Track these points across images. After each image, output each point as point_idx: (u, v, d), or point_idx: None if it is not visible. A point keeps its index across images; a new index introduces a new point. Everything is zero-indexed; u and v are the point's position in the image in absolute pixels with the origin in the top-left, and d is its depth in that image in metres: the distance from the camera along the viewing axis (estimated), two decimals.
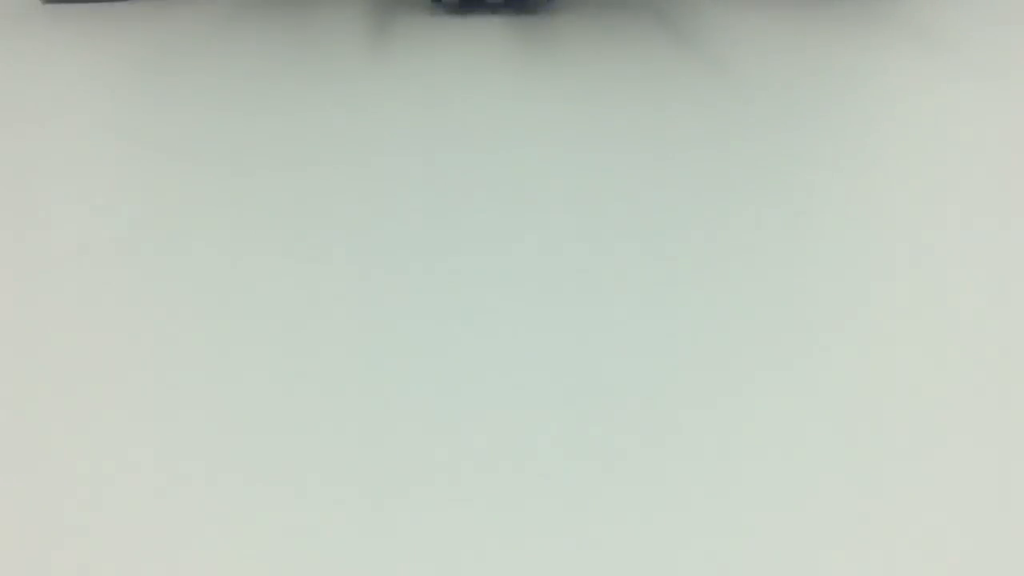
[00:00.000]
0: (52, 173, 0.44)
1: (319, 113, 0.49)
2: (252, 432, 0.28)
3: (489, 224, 0.39)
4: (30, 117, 0.50)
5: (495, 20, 0.62)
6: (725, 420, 0.28)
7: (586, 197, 0.41)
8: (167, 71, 0.55)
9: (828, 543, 0.25)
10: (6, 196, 0.43)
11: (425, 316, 0.34)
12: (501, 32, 0.60)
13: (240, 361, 0.31)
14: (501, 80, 0.53)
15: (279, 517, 0.25)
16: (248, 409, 0.29)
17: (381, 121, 0.49)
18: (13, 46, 0.59)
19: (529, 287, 0.35)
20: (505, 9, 0.63)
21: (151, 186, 0.43)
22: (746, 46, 0.58)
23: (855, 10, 0.63)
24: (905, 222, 0.40)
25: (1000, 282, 0.36)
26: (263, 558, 0.24)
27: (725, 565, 0.24)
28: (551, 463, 0.27)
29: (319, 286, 0.36)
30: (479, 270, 0.36)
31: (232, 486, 0.26)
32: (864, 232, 0.39)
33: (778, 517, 0.25)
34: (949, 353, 0.32)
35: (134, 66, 0.56)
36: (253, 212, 0.41)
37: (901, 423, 0.29)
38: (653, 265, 0.37)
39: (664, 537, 0.25)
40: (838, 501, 0.26)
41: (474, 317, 0.34)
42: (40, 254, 0.38)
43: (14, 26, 0.62)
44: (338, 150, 0.46)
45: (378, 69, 0.55)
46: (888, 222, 0.40)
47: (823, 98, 0.51)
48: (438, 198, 0.41)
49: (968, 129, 0.48)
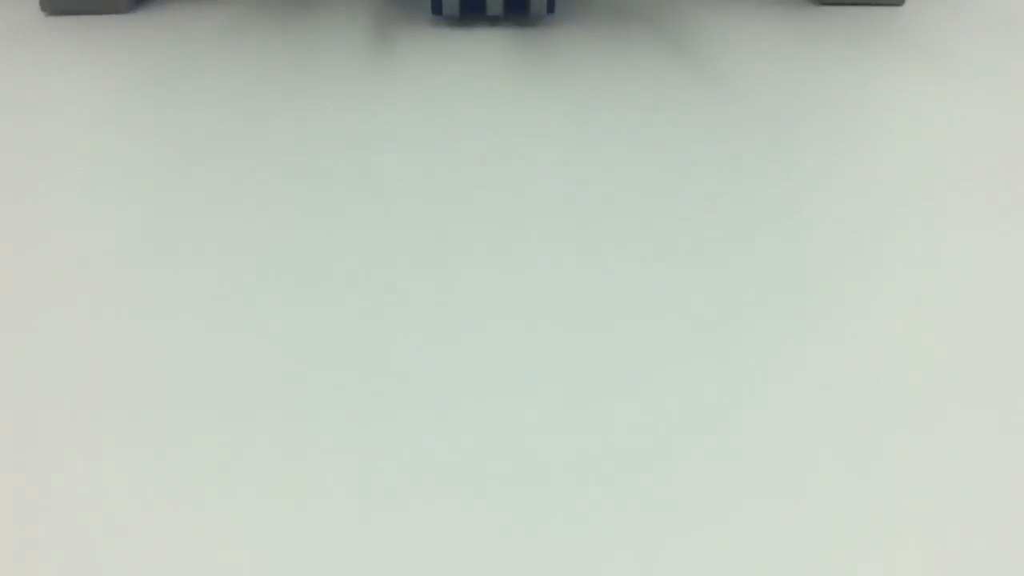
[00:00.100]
0: (55, 181, 0.45)
1: (322, 122, 0.50)
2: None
3: (488, 228, 0.40)
4: (34, 127, 0.50)
5: (495, 31, 0.62)
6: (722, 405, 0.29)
7: (585, 203, 0.42)
8: (169, 81, 0.55)
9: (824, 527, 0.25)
10: (11, 203, 0.43)
11: (425, 316, 0.34)
12: (501, 43, 0.61)
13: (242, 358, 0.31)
14: (501, 90, 0.54)
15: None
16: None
17: (383, 129, 0.49)
18: (17, 57, 0.59)
19: (528, 290, 0.36)
20: (505, 21, 0.64)
21: (154, 193, 0.43)
22: (743, 56, 0.58)
23: (853, 19, 0.64)
24: (903, 225, 0.40)
25: (992, 280, 0.36)
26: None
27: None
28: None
29: (320, 289, 0.36)
30: (478, 272, 0.37)
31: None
32: (863, 237, 0.39)
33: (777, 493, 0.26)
34: (948, 355, 0.32)
35: (136, 77, 0.56)
36: (254, 217, 0.41)
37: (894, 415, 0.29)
38: (651, 267, 0.37)
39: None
40: (834, 494, 0.26)
41: (473, 319, 0.34)
42: (42, 261, 0.38)
43: (18, 38, 0.62)
44: (341, 158, 0.46)
45: (380, 79, 0.55)
46: (885, 225, 0.40)
47: (820, 106, 0.51)
48: (438, 203, 0.42)
49: (964, 134, 0.48)
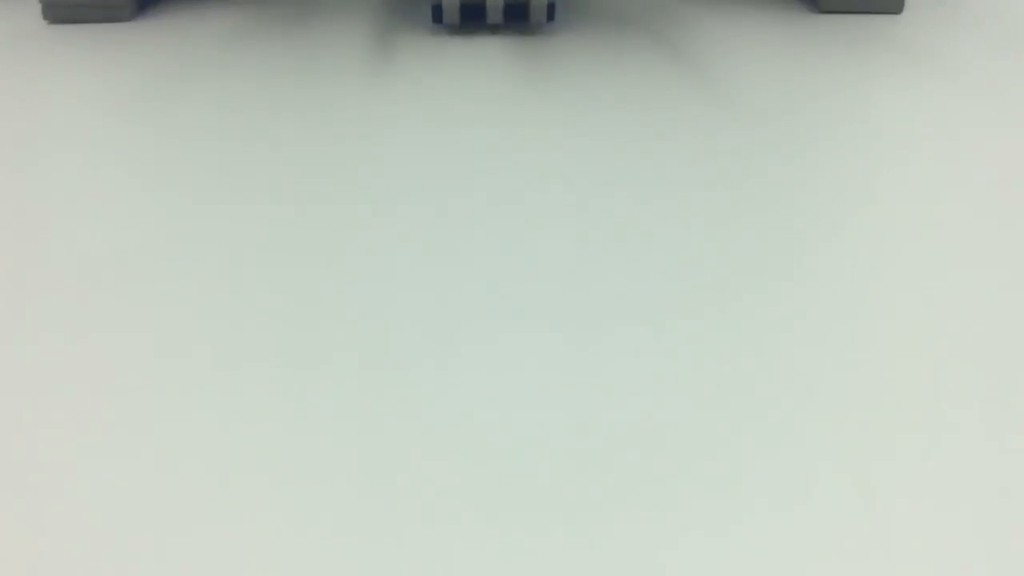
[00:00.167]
0: (59, 186, 0.45)
1: (324, 129, 0.50)
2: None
3: (488, 233, 0.40)
4: (37, 133, 0.50)
5: (495, 39, 0.63)
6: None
7: (584, 210, 0.42)
8: (171, 89, 0.56)
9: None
10: (15, 206, 0.43)
11: (427, 317, 0.35)
12: (501, 51, 0.61)
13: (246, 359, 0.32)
14: (501, 97, 0.54)
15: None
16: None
17: (384, 136, 0.49)
18: (20, 65, 0.59)
19: (526, 294, 0.36)
20: (505, 29, 0.64)
21: (156, 200, 0.44)
22: (743, 63, 0.59)
23: (852, 27, 0.65)
24: (901, 228, 0.41)
25: (989, 281, 0.37)
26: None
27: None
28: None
29: (321, 295, 0.36)
30: (478, 277, 0.37)
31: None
32: (861, 239, 0.40)
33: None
34: (948, 358, 0.33)
35: (138, 84, 0.56)
36: (257, 220, 0.42)
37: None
38: (648, 272, 0.37)
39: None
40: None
41: (473, 321, 0.35)
42: (44, 267, 0.38)
43: (21, 46, 0.62)
44: (342, 165, 0.47)
45: (381, 87, 0.56)
46: (884, 228, 0.41)
47: (820, 112, 0.52)
48: (439, 209, 0.42)
49: (961, 140, 0.49)
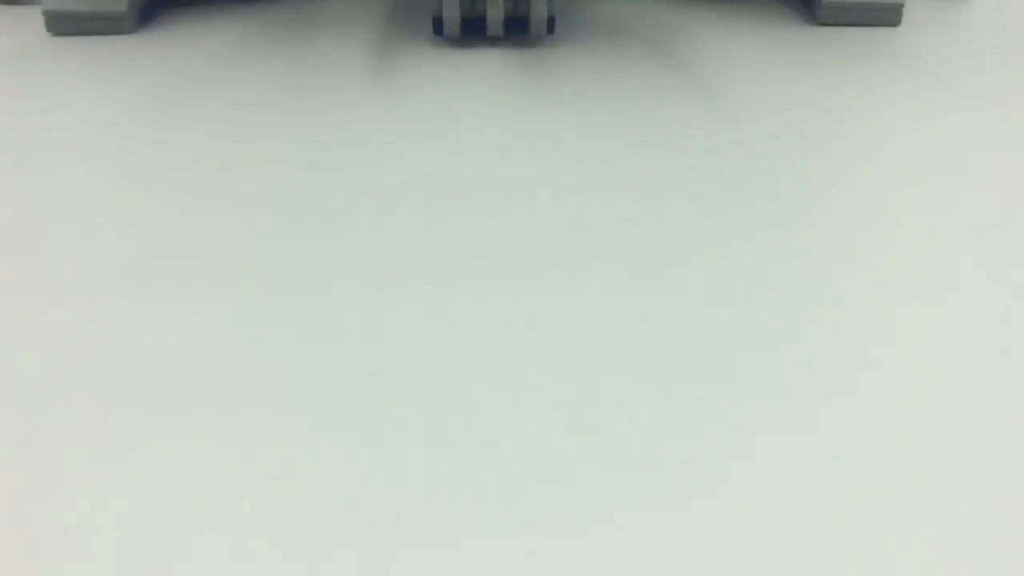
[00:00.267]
0: (60, 199, 0.45)
1: (325, 140, 0.51)
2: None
3: (488, 240, 0.40)
4: (40, 144, 0.51)
5: (495, 51, 0.63)
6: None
7: (584, 218, 0.43)
8: (172, 101, 0.56)
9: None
10: (18, 218, 0.43)
11: (427, 320, 0.35)
12: (502, 63, 0.61)
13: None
14: (501, 108, 0.54)
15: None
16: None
17: (386, 146, 0.50)
18: (23, 77, 0.60)
19: (521, 301, 0.36)
20: (505, 41, 0.65)
21: (159, 210, 0.44)
22: (743, 74, 0.59)
23: (851, 39, 0.65)
24: (900, 238, 0.41)
25: (987, 288, 0.37)
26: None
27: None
28: None
29: (323, 303, 0.36)
30: (475, 283, 0.37)
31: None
32: (861, 249, 0.40)
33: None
34: (947, 361, 0.33)
35: (141, 96, 0.57)
36: (256, 232, 0.42)
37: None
38: (646, 278, 0.38)
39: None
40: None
41: (472, 325, 0.35)
42: (44, 278, 0.38)
43: (24, 58, 0.63)
44: (344, 175, 0.47)
45: (383, 98, 0.56)
46: (883, 238, 0.41)
47: (818, 123, 0.52)
48: (439, 218, 0.43)
49: (958, 150, 0.49)
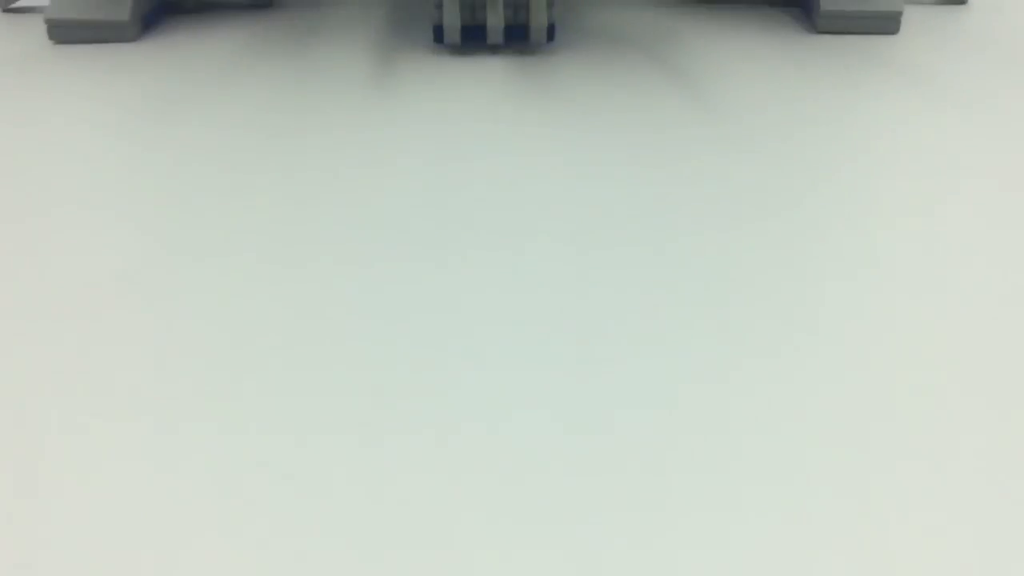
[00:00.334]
0: (63, 206, 0.45)
1: (327, 147, 0.51)
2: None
3: (488, 243, 0.41)
4: (43, 152, 0.51)
5: (495, 59, 0.64)
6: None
7: (582, 224, 0.43)
8: (175, 108, 0.56)
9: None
10: (20, 225, 0.44)
11: (429, 324, 0.35)
12: (502, 70, 0.62)
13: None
14: (501, 115, 0.55)
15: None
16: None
17: (386, 154, 0.50)
18: (26, 85, 0.60)
19: (525, 305, 0.36)
20: (505, 49, 0.65)
21: (162, 216, 0.44)
22: (742, 82, 0.59)
23: (850, 48, 0.65)
24: (897, 245, 0.41)
25: (985, 291, 0.37)
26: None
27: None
28: None
29: (324, 304, 0.37)
30: (479, 292, 0.38)
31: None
32: (858, 254, 0.40)
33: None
34: (945, 363, 0.33)
35: (143, 104, 0.57)
36: (258, 239, 0.42)
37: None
38: (645, 285, 0.38)
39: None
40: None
41: (470, 326, 0.35)
42: (47, 284, 0.39)
43: (27, 66, 0.63)
44: (345, 182, 0.47)
45: (383, 105, 0.56)
46: (880, 244, 0.41)
47: (817, 131, 0.52)
48: (440, 223, 0.43)
49: (956, 157, 0.49)
